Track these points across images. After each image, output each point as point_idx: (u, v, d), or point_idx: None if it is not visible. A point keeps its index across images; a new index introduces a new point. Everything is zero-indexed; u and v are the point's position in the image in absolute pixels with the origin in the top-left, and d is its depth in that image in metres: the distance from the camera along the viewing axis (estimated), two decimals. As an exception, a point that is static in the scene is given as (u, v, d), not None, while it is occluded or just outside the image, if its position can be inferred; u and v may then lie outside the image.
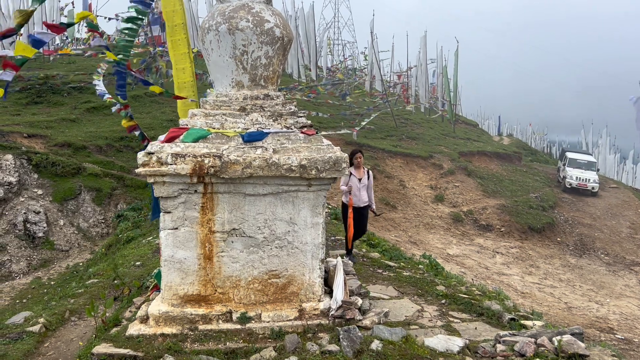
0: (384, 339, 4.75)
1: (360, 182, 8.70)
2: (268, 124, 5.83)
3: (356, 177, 8.70)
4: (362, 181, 8.72)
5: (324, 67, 46.44)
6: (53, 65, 30.08)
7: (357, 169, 8.77)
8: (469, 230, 22.22)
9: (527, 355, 4.60)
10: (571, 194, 28.19)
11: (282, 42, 6.04)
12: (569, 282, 18.21)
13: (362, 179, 8.73)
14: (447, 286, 7.75)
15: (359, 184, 8.69)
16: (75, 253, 13.67)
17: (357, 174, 8.73)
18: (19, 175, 14.79)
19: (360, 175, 8.75)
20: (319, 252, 5.79)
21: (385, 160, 25.97)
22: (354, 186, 8.65)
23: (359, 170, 8.78)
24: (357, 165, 8.74)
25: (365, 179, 8.77)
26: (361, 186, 8.68)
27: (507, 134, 63.23)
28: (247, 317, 5.52)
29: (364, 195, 8.77)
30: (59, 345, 6.03)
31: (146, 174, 5.43)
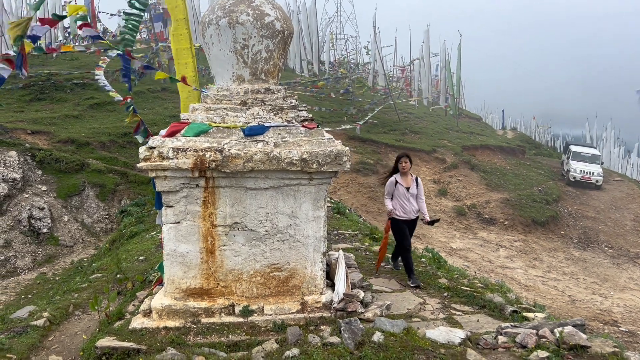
0: (385, 330, 4.77)
1: (409, 191, 7.53)
2: (269, 118, 5.83)
3: (403, 185, 7.54)
4: (410, 190, 7.53)
5: (327, 62, 46.33)
6: (56, 62, 30.13)
7: (403, 176, 7.60)
8: (472, 224, 22.19)
9: (528, 347, 4.61)
10: (575, 187, 28.10)
11: (282, 36, 6.04)
12: (573, 275, 18.18)
13: (411, 188, 7.55)
14: (450, 279, 7.76)
15: (406, 194, 7.53)
16: (80, 248, 13.74)
17: (404, 182, 7.56)
18: (23, 172, 14.86)
19: (408, 183, 7.57)
20: (320, 245, 5.80)
21: (388, 155, 25.93)
22: (400, 196, 7.53)
23: (406, 178, 7.60)
24: (404, 172, 7.57)
25: (414, 187, 7.57)
26: (409, 196, 7.53)
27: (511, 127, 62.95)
28: (250, 310, 5.55)
29: (414, 205, 7.57)
30: (63, 339, 6.07)
31: (148, 168, 5.45)
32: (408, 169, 7.56)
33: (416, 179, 7.67)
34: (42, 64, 28.63)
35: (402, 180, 7.57)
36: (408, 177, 7.62)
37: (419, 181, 7.71)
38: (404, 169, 7.53)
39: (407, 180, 7.60)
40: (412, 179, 7.63)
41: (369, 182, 22.80)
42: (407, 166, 7.52)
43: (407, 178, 7.60)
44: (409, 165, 7.52)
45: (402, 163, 7.50)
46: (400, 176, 7.59)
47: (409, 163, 7.52)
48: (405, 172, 7.57)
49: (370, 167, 23.70)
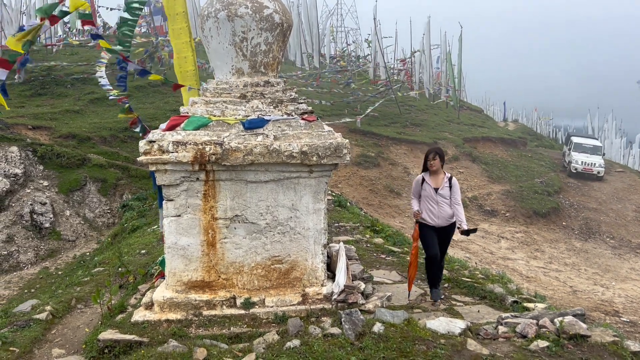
0: (385, 321, 4.79)
1: (437, 192, 6.42)
2: (268, 111, 5.83)
3: (431, 185, 6.47)
4: (439, 192, 6.42)
5: (327, 55, 46.20)
6: (56, 57, 30.09)
7: (433, 175, 6.55)
8: (473, 215, 22.21)
9: (528, 337, 4.63)
10: (577, 178, 28.07)
11: (281, 28, 6.02)
12: (574, 265, 18.21)
13: (440, 189, 6.43)
14: (450, 270, 7.78)
15: (434, 195, 6.43)
16: (82, 243, 13.80)
17: (432, 182, 6.49)
18: (25, 167, 14.89)
19: (438, 183, 6.47)
20: (321, 237, 5.82)
21: (390, 147, 25.93)
22: (428, 198, 6.48)
23: (436, 178, 6.52)
24: (434, 170, 6.52)
25: (445, 189, 6.44)
26: (439, 199, 6.41)
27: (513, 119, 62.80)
28: (251, 302, 5.57)
29: (445, 210, 6.41)
30: (66, 332, 6.11)
31: (148, 162, 5.47)
32: (437, 167, 6.47)
33: (450, 178, 6.53)
34: (42, 59, 28.60)
35: (430, 180, 6.54)
36: (439, 176, 6.53)
37: (454, 182, 6.51)
38: (432, 167, 6.49)
39: (437, 180, 6.51)
40: (445, 179, 6.50)
41: (369, 175, 22.81)
42: (436, 164, 6.45)
43: (438, 177, 6.53)
44: (438, 163, 6.44)
45: (430, 160, 6.48)
46: (430, 175, 6.57)
47: (438, 160, 6.45)
48: (436, 171, 6.52)
49: (371, 160, 23.70)
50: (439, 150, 6.66)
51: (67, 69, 26.44)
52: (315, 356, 4.15)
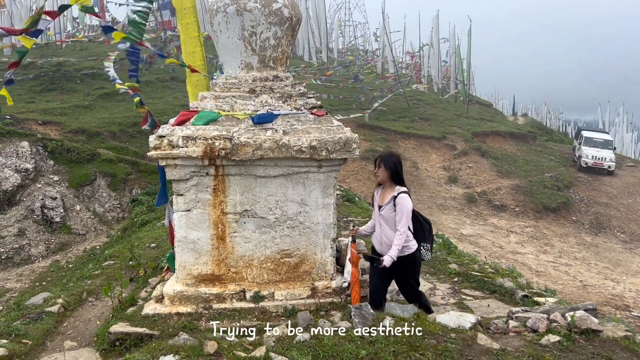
0: (395, 315, 4.79)
1: (380, 211, 5.24)
2: (278, 106, 5.83)
3: (377, 201, 5.36)
4: (382, 211, 5.21)
5: (335, 49, 46.07)
6: (65, 52, 30.25)
7: (383, 188, 5.33)
8: (482, 210, 22.12)
9: (539, 331, 4.61)
10: (587, 173, 27.84)
11: (290, 23, 6.01)
12: (585, 260, 18.10)
13: (383, 209, 5.19)
14: (460, 264, 7.77)
15: (377, 215, 5.30)
16: (92, 237, 13.90)
17: (379, 198, 5.33)
18: (35, 162, 15.00)
19: (383, 200, 5.24)
20: (330, 231, 5.82)
21: (398, 142, 25.86)
22: (375, 216, 5.41)
23: (384, 192, 5.29)
24: (380, 182, 5.32)
25: (388, 208, 5.14)
26: (381, 220, 5.21)
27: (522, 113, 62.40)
28: (261, 295, 5.60)
29: (387, 236, 5.16)
30: (78, 324, 6.18)
31: (158, 157, 5.49)
32: (382, 178, 5.19)
33: (396, 197, 5.07)
34: (52, 55, 28.75)
35: (379, 194, 5.32)
36: (387, 191, 5.24)
37: (400, 201, 5.03)
38: (377, 177, 5.28)
39: (384, 196, 5.23)
40: (391, 196, 5.12)
41: (378, 170, 22.75)
42: (381, 174, 5.18)
43: (386, 192, 5.24)
44: (383, 173, 5.15)
45: (375, 169, 5.26)
46: (380, 189, 5.35)
47: (383, 169, 5.14)
48: (384, 183, 5.26)
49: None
50: (388, 157, 5.23)
51: (77, 65, 26.58)
52: (325, 350, 4.16)
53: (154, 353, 4.12)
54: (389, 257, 4.95)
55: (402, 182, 5.18)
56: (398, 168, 5.17)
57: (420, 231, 5.26)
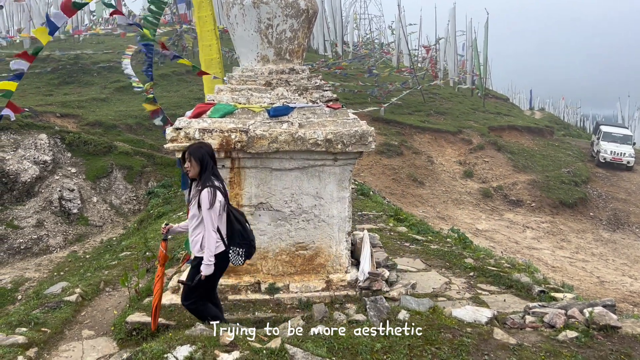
0: (411, 309, 4.78)
1: (189, 207, 4.83)
2: (293, 99, 5.82)
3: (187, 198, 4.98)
4: (190, 208, 4.77)
5: (350, 43, 45.86)
6: (83, 46, 30.53)
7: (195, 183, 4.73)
8: (498, 205, 21.92)
9: (557, 327, 4.57)
10: (605, 168, 27.42)
11: (307, 15, 5.99)
12: (602, 256, 17.87)
13: (190, 204, 4.77)
14: (476, 259, 7.71)
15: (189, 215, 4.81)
16: (109, 228, 14.06)
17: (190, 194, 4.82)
18: (54, 154, 15.19)
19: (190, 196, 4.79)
20: (345, 225, 5.82)
21: (413, 136, 25.69)
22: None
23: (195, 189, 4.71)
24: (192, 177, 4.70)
25: (192, 203, 4.68)
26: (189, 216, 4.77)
27: (539, 108, 61.65)
28: (275, 287, 5.62)
29: (192, 233, 4.70)
30: (95, 314, 6.26)
31: (175, 149, 5.52)
32: (193, 174, 4.64)
33: (202, 191, 4.49)
34: (69, 48, 29.04)
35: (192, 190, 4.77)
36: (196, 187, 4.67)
37: (202, 196, 4.47)
38: (187, 172, 4.73)
39: (193, 192, 4.73)
40: (196, 190, 4.61)
41: (392, 164, 22.66)
42: (189, 171, 4.64)
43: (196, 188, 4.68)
44: (192, 166, 4.58)
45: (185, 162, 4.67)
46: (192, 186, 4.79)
47: (192, 163, 4.58)
48: (192, 177, 4.70)
49: (395, 149, 23.54)
50: (196, 149, 4.62)
51: (94, 58, 26.81)
52: (340, 342, 4.17)
53: (171, 343, 4.15)
54: (205, 266, 4.48)
55: (213, 175, 4.59)
56: (207, 160, 4.57)
57: (229, 233, 4.66)
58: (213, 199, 4.45)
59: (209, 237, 4.49)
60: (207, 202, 4.43)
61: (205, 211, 4.45)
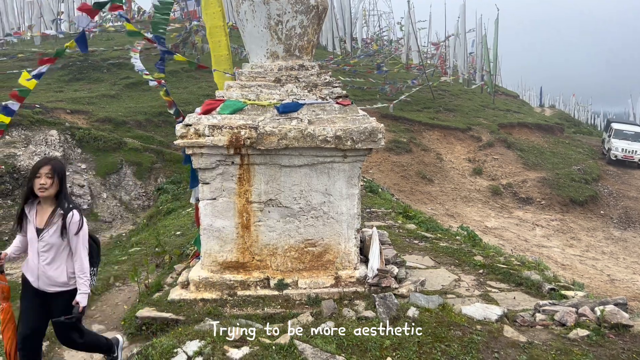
0: (420, 306, 4.77)
1: (40, 236, 3.99)
2: (303, 95, 5.82)
3: (34, 222, 4.03)
4: (43, 236, 3.98)
5: (359, 39, 45.71)
6: (93, 42, 30.68)
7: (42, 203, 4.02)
8: (508, 203, 21.81)
9: (567, 325, 4.54)
10: (616, 166, 27.19)
11: (316, 11, 5.97)
12: (613, 254, 17.73)
13: (46, 232, 3.97)
14: (485, 256, 7.67)
15: (35, 241, 4.02)
16: (118, 224, 14.14)
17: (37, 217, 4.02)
18: (64, 150, 15.30)
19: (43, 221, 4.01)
20: (354, 222, 5.81)
21: (422, 133, 25.61)
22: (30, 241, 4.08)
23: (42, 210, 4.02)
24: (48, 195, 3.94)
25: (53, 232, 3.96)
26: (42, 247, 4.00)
27: (549, 105, 61.16)
28: (284, 283, 5.62)
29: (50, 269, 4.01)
30: (105, 308, 6.30)
31: (184, 145, 5.54)
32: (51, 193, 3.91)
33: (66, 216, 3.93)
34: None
35: (35, 211, 4.00)
36: (47, 208, 3.97)
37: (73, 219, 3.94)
38: (41, 191, 3.88)
39: (43, 215, 3.98)
40: (58, 215, 3.93)
41: (401, 161, 22.61)
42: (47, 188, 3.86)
43: (45, 210, 3.97)
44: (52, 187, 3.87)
45: (39, 177, 3.87)
46: (37, 202, 4.01)
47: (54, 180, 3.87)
48: (46, 197, 3.93)
49: (403, 146, 23.48)
50: (59, 163, 3.99)
51: (104, 54, 26.95)
52: (349, 338, 4.17)
53: (180, 338, 4.18)
54: (84, 296, 4.00)
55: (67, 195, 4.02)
56: (65, 178, 3.99)
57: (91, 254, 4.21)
58: (82, 220, 4.01)
59: (84, 262, 4.00)
60: (78, 226, 3.95)
61: (75, 237, 3.94)
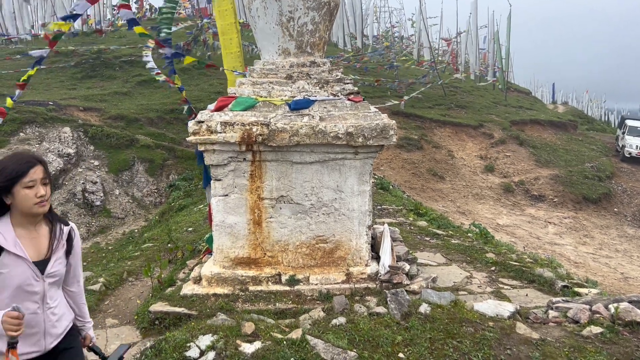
0: (432, 302, 4.76)
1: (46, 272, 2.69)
2: (314, 92, 5.82)
3: (25, 256, 2.62)
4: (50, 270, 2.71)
5: (370, 36, 45.58)
6: (105, 40, 30.91)
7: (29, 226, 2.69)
8: (520, 200, 21.66)
9: (581, 322, 4.51)
10: (630, 163, 26.86)
11: (328, 7, 5.97)
12: (626, 252, 17.55)
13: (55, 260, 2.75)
14: (497, 254, 7.63)
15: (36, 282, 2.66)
16: (131, 220, 14.27)
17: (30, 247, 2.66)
18: (77, 147, 15.46)
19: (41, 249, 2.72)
20: (365, 218, 5.81)
21: (434, 130, 25.50)
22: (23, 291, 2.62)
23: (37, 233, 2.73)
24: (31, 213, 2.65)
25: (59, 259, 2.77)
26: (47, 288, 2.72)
27: (562, 101, 60.58)
28: (296, 279, 5.64)
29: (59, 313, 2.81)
30: (118, 303, 6.37)
31: (197, 142, 5.57)
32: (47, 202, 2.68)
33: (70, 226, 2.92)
34: (92, 42, 29.43)
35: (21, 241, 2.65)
36: (40, 227, 2.76)
37: (78, 239, 2.96)
38: (41, 204, 2.65)
39: (40, 241, 2.74)
40: (58, 235, 2.80)
41: (412, 158, 22.54)
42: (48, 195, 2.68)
43: (41, 233, 2.76)
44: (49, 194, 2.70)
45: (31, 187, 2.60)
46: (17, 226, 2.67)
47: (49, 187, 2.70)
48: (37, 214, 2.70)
49: (414, 143, 23.40)
50: (44, 159, 2.75)
51: (116, 52, 27.14)
52: (361, 334, 4.18)
53: (193, 332, 4.22)
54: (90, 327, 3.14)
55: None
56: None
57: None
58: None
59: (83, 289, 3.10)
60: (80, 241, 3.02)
61: (78, 255, 2.97)
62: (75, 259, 2.94)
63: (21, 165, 2.60)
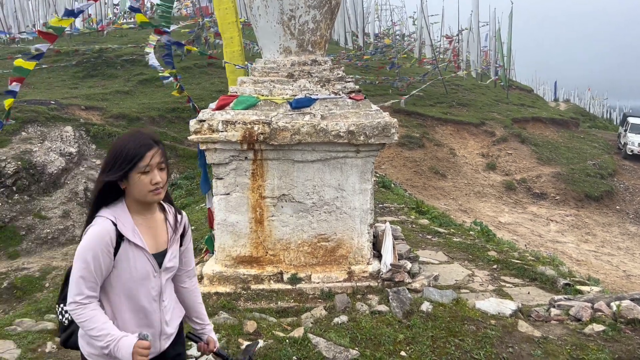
0: (434, 300, 4.77)
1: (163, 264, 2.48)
2: (316, 90, 5.82)
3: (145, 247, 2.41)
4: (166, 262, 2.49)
5: (371, 34, 45.51)
6: (106, 39, 30.93)
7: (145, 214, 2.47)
8: (522, 198, 21.63)
9: (583, 320, 4.51)
10: (633, 161, 26.81)
11: (329, 5, 5.97)
12: (629, 250, 17.52)
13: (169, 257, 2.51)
14: (499, 252, 7.63)
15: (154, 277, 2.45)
16: (133, 219, 14.29)
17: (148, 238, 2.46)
18: (79, 146, 15.48)
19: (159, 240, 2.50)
20: (367, 217, 5.81)
21: (435, 128, 25.46)
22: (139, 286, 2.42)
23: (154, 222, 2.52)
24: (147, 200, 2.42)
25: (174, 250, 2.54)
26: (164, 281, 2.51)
27: (564, 99, 60.47)
28: (298, 277, 5.65)
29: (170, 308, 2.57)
30: (121, 302, 6.37)
31: (198, 141, 5.58)
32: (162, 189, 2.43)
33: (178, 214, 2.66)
34: (93, 41, 29.46)
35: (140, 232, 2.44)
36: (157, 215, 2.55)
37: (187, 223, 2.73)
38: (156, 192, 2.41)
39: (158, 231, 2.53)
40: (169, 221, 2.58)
41: (414, 156, 22.51)
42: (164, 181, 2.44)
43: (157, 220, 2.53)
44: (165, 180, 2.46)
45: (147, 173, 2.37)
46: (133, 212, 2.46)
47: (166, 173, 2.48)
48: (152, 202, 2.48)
49: (416, 141, 23.37)
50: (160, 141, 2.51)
51: (117, 51, 27.16)
52: (363, 332, 4.18)
53: (195, 331, 4.21)
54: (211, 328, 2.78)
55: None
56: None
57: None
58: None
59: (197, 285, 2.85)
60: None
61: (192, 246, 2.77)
62: (188, 251, 2.70)
63: (138, 149, 2.36)
